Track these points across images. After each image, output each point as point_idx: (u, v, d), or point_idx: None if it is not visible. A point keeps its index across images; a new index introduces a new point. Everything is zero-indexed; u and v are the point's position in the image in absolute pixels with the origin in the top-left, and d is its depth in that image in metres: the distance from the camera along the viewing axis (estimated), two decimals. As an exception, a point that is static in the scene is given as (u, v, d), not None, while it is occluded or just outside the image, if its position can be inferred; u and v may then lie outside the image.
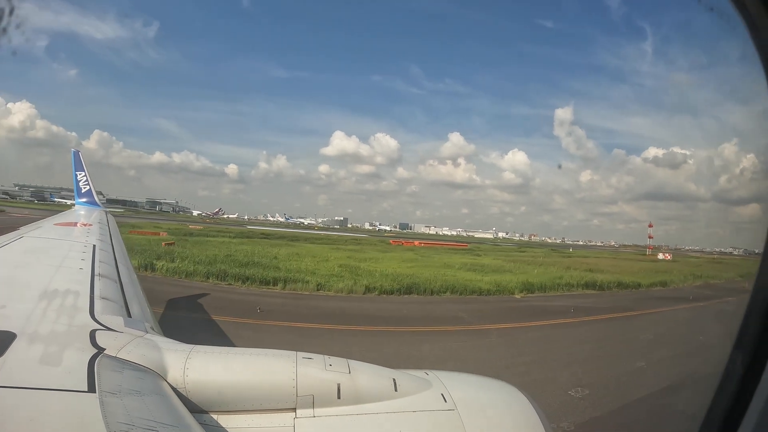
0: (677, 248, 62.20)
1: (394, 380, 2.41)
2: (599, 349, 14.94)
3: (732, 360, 1.63)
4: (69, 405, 1.67)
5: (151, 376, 2.11)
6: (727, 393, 1.62)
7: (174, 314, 14.59)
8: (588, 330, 17.56)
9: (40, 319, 2.56)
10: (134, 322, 2.93)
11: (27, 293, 3.10)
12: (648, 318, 21.31)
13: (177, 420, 1.80)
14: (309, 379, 2.27)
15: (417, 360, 11.91)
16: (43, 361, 2.01)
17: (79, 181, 15.86)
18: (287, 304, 18.19)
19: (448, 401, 2.38)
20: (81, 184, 15.83)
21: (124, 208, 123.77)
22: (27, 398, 1.66)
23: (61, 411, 1.63)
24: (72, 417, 1.60)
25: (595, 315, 20.70)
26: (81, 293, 3.32)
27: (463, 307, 20.14)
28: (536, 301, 23.61)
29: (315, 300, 19.57)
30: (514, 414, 2.48)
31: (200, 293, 18.37)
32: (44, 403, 1.66)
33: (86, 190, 15.80)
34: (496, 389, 2.69)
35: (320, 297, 20.33)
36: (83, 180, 15.90)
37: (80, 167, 16.17)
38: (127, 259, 6.12)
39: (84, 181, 15.89)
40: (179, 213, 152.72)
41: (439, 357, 12.54)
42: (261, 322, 14.67)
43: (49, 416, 1.59)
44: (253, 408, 2.21)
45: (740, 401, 1.56)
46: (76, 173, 15.99)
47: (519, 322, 17.73)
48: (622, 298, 26.32)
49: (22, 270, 4.11)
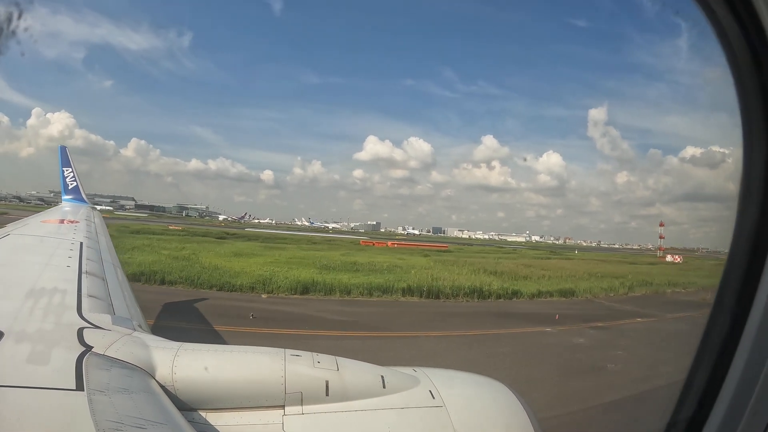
0: (715, 251, 56.73)
1: (382, 377, 2.43)
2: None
3: (698, 357, 1.68)
4: (57, 403, 1.67)
5: (140, 374, 2.11)
6: (692, 395, 1.67)
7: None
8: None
9: (27, 318, 2.54)
10: (122, 320, 2.92)
11: (14, 291, 3.06)
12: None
13: (166, 418, 1.81)
14: (297, 376, 2.29)
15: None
16: (31, 359, 2.00)
17: (66, 177, 15.57)
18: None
19: (436, 398, 2.41)
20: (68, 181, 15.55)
21: (148, 213, 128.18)
22: (15, 397, 1.65)
23: (49, 409, 1.63)
24: (61, 415, 1.60)
25: (317, 329, 15.43)
26: (68, 291, 3.30)
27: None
28: (280, 303, 19.60)
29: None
30: (502, 410, 2.52)
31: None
32: (32, 401, 1.66)
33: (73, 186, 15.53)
34: (484, 386, 2.72)
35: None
36: (70, 176, 15.62)
37: (67, 163, 15.89)
38: (115, 257, 6.06)
39: (71, 178, 15.61)
40: (204, 217, 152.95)
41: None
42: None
43: (38, 415, 1.59)
44: (242, 405, 2.22)
45: (704, 403, 1.61)
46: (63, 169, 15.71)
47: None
48: (433, 311, 20.64)
49: (8, 268, 4.05)
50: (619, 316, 21.83)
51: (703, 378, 1.64)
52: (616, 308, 24.29)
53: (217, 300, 19.24)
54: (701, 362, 1.68)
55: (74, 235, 6.77)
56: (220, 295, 20.60)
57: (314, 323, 16.58)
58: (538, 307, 23.62)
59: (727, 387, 1.54)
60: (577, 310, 23.01)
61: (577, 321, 19.97)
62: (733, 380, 1.53)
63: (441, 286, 24.45)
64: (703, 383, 1.64)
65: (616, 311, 23.39)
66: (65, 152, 16.37)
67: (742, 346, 1.54)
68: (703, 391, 1.63)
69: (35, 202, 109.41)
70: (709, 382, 1.62)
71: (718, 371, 1.60)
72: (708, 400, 1.59)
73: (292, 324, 16.18)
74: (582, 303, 25.79)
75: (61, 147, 16.72)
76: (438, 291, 23.86)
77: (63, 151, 16.40)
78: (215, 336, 13.05)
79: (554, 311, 21.48)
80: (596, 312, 22.81)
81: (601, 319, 20.71)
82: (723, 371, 1.57)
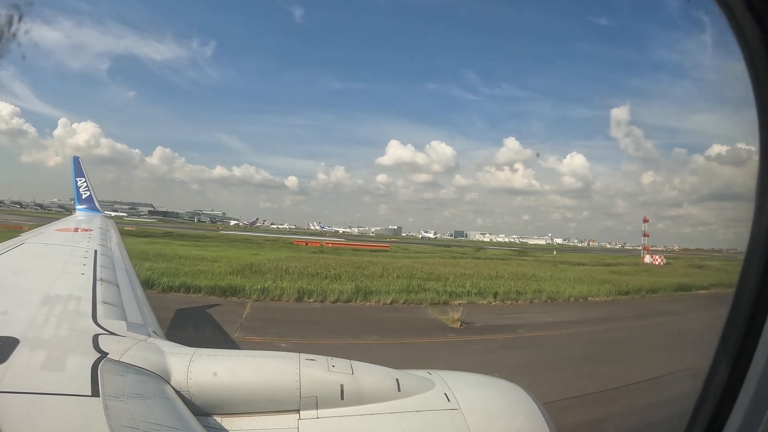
0: (736, 251, 47.60)
1: (397, 380, 2.41)
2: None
3: (717, 358, 1.63)
4: (73, 409, 1.68)
5: (155, 380, 2.11)
6: (714, 391, 1.62)
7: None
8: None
9: (42, 325, 2.57)
10: (137, 326, 2.94)
11: (29, 299, 3.10)
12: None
13: (181, 423, 1.81)
14: (312, 380, 2.28)
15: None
16: (46, 366, 2.02)
17: (79, 187, 15.84)
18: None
19: (451, 401, 2.38)
20: (81, 190, 15.81)
21: (155, 219, 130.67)
22: (30, 403, 1.67)
23: (65, 415, 1.63)
24: (76, 421, 1.61)
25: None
26: (83, 298, 3.33)
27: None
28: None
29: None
30: (518, 413, 2.48)
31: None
32: (48, 407, 1.67)
33: (87, 196, 15.79)
34: (501, 388, 2.69)
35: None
36: (83, 186, 15.89)
37: (80, 173, 16.17)
38: (129, 264, 6.12)
39: (84, 187, 15.88)
40: (216, 222, 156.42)
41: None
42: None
43: (53, 421, 1.59)
44: (257, 410, 2.22)
45: (726, 401, 1.56)
46: (76, 179, 15.98)
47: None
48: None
49: (23, 275, 4.11)
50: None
51: (721, 381, 1.60)
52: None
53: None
54: (719, 365, 1.63)
55: (88, 242, 6.86)
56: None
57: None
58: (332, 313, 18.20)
59: (745, 390, 1.50)
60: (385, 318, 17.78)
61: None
62: (752, 382, 1.49)
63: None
64: (722, 386, 1.59)
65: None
66: (78, 163, 16.66)
67: (761, 348, 1.50)
68: (721, 395, 1.58)
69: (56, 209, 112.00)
70: (727, 386, 1.57)
71: (736, 374, 1.56)
72: (727, 404, 1.55)
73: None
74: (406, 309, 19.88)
75: (74, 158, 17.04)
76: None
77: (76, 162, 16.69)
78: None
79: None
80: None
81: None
82: (742, 373, 1.53)
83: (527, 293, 24.27)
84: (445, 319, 17.33)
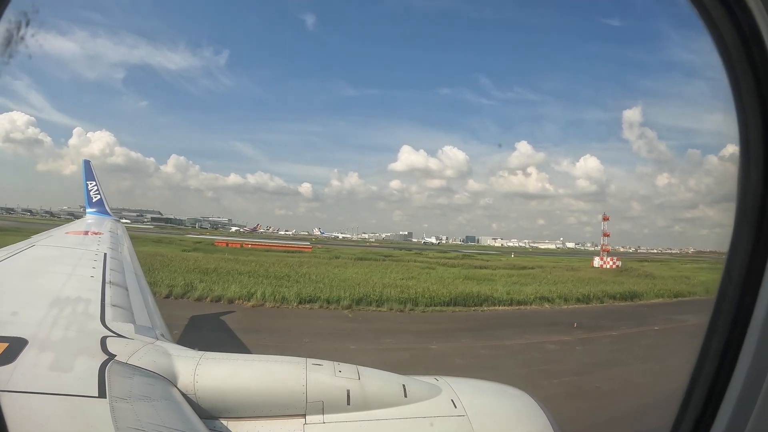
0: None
1: (403, 386, 2.39)
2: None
3: (701, 358, 1.61)
4: (80, 410, 1.68)
5: (162, 383, 2.11)
6: (699, 392, 1.60)
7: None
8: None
9: (51, 326, 2.59)
10: (145, 329, 2.95)
11: (38, 300, 3.13)
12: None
13: (187, 426, 1.80)
14: (319, 385, 2.27)
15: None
16: (55, 366, 2.03)
17: (90, 190, 16.03)
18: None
19: (458, 407, 2.35)
20: (92, 194, 16.00)
21: (154, 225, 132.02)
22: (38, 403, 1.67)
23: (71, 416, 1.64)
24: (82, 422, 1.61)
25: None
26: (92, 300, 3.35)
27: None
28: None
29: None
30: (525, 420, 2.45)
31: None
32: (55, 408, 1.67)
33: (97, 199, 15.97)
34: (507, 395, 2.66)
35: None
36: (94, 189, 16.08)
37: (91, 177, 16.37)
38: (139, 268, 6.16)
39: (95, 191, 16.07)
40: (218, 229, 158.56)
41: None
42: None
43: (61, 421, 1.59)
44: (263, 414, 2.20)
45: (710, 404, 1.54)
46: (87, 183, 16.17)
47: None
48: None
49: (33, 277, 4.16)
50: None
51: (706, 381, 1.59)
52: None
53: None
54: (704, 365, 1.62)
55: (98, 246, 6.93)
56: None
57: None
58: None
59: (731, 389, 1.48)
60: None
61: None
62: (738, 382, 1.48)
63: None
64: (707, 386, 1.58)
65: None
66: (89, 166, 16.88)
67: (746, 348, 1.48)
68: (707, 395, 1.57)
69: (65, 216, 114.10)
70: (712, 386, 1.56)
71: (721, 373, 1.55)
72: (713, 404, 1.53)
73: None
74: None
75: (84, 161, 17.28)
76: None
77: (87, 165, 16.91)
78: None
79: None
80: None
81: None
82: (727, 373, 1.52)
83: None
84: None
